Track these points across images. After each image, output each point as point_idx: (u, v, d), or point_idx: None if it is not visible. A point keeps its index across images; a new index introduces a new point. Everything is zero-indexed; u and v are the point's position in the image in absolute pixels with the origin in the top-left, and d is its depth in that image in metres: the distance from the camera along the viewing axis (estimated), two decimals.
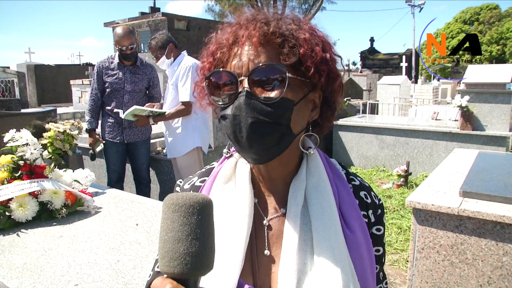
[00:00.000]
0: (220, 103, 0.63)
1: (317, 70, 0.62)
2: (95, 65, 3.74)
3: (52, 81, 14.69)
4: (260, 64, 0.60)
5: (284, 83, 0.59)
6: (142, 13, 18.47)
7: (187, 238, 0.46)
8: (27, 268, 1.39)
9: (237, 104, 0.60)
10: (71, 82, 9.93)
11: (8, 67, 12.95)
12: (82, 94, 9.55)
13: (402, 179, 5.20)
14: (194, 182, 0.76)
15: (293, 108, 0.62)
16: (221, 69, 0.64)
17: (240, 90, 0.61)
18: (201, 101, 0.71)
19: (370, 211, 0.71)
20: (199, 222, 0.47)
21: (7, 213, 1.74)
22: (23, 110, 6.99)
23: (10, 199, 1.77)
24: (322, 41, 0.65)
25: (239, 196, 0.67)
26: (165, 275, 0.48)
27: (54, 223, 1.81)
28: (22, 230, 1.72)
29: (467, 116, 5.41)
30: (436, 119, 6.63)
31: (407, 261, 3.16)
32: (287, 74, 0.59)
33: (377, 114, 9.45)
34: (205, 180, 0.75)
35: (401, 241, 3.63)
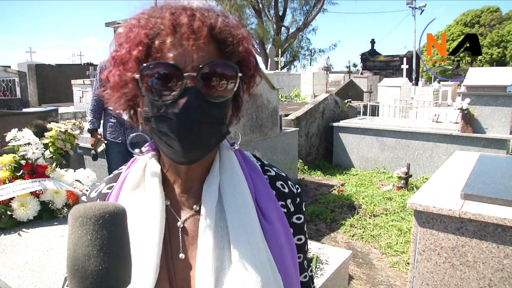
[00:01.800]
0: (157, 100, 0.56)
1: (253, 70, 0.62)
2: (96, 65, 3.74)
3: (53, 81, 14.70)
4: (215, 61, 0.56)
5: (235, 82, 0.57)
6: None
7: (98, 254, 0.41)
8: (29, 267, 1.39)
9: (185, 103, 0.54)
10: (72, 82, 9.95)
11: (9, 67, 12.95)
12: (83, 94, 9.56)
13: (402, 181, 5.21)
14: (101, 190, 0.71)
15: (230, 105, 0.62)
16: (168, 62, 0.55)
17: (185, 86, 0.55)
18: (115, 96, 0.61)
19: (289, 201, 0.70)
20: (111, 234, 0.42)
21: (8, 212, 1.74)
22: (24, 110, 6.99)
23: (12, 198, 1.78)
24: (247, 35, 0.63)
25: (149, 200, 0.63)
26: None
27: (56, 223, 1.81)
28: (23, 230, 1.73)
29: (467, 118, 5.42)
30: (436, 122, 6.63)
31: (408, 263, 3.16)
32: (238, 73, 0.58)
33: (377, 116, 9.45)
34: (112, 186, 0.69)
35: (401, 243, 3.63)
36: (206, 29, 0.56)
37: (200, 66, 0.55)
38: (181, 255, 0.63)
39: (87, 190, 0.75)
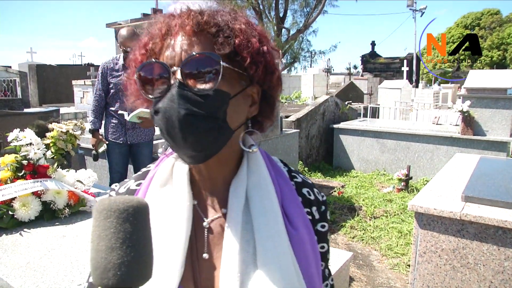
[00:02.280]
0: (151, 97, 0.59)
1: (254, 61, 0.59)
2: (96, 65, 3.76)
3: (54, 81, 14.71)
4: (194, 54, 0.57)
5: (218, 74, 0.57)
6: (145, 15, 18.53)
7: (121, 247, 0.42)
8: (30, 267, 1.39)
9: (169, 96, 0.56)
10: (73, 82, 9.94)
11: (10, 67, 12.97)
12: (84, 94, 9.57)
13: (402, 183, 5.21)
14: (130, 186, 0.72)
15: (228, 101, 0.59)
16: (153, 60, 0.60)
17: (172, 82, 0.57)
18: (133, 99, 0.65)
19: (314, 208, 0.70)
20: (134, 228, 0.43)
21: (10, 212, 1.74)
22: (25, 110, 7.00)
23: (13, 199, 1.78)
24: (259, 34, 0.63)
25: (177, 198, 0.64)
26: None
27: (57, 223, 1.81)
28: (25, 230, 1.73)
29: (468, 121, 5.42)
30: (437, 124, 6.64)
31: (408, 265, 3.16)
32: (221, 63, 0.56)
33: (378, 118, 9.46)
34: (141, 183, 0.71)
35: (402, 245, 3.63)
36: (192, 25, 0.58)
37: (184, 60, 0.57)
38: (205, 255, 0.63)
39: (112, 189, 0.76)
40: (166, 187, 0.67)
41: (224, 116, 0.59)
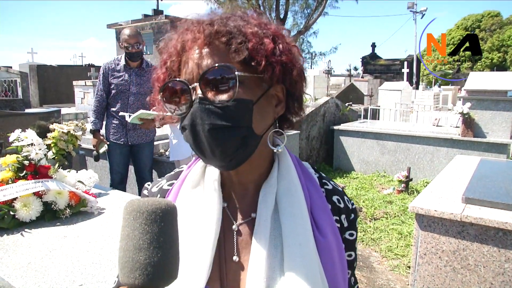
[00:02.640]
0: (180, 113, 0.61)
1: (269, 63, 0.59)
2: (97, 66, 3.78)
3: (54, 82, 14.71)
4: (209, 67, 0.57)
5: (235, 83, 0.57)
6: (145, 15, 18.56)
7: (148, 247, 0.43)
8: (32, 267, 1.39)
9: (193, 112, 0.58)
10: (74, 83, 9.95)
11: (11, 67, 13.00)
12: (84, 95, 9.57)
13: (403, 185, 5.21)
14: (162, 186, 0.74)
15: (252, 108, 0.59)
16: (172, 80, 0.61)
17: (194, 97, 0.58)
18: (163, 115, 0.67)
19: (343, 216, 0.70)
20: (161, 230, 0.44)
21: (11, 213, 1.74)
22: (26, 110, 7.01)
23: (15, 199, 1.78)
24: (273, 33, 0.62)
25: (207, 200, 0.65)
26: (126, 287, 0.45)
27: (58, 224, 1.81)
28: (26, 230, 1.73)
29: (468, 123, 5.42)
30: (437, 126, 6.64)
31: (408, 266, 3.16)
32: (236, 73, 0.56)
33: (378, 119, 9.46)
34: (173, 183, 0.73)
35: (402, 246, 3.63)
36: (204, 38, 0.58)
37: (200, 74, 0.58)
38: (235, 258, 0.64)
39: (146, 187, 0.78)
40: (197, 188, 0.68)
41: (249, 123, 0.59)
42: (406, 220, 4.19)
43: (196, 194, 0.67)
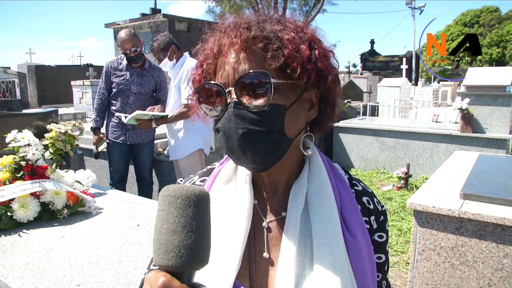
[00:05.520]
0: (214, 115, 0.63)
1: (304, 70, 0.59)
2: (95, 66, 3.78)
3: (53, 82, 14.70)
4: (245, 73, 0.58)
5: (271, 89, 0.58)
6: (143, 15, 18.51)
7: (182, 230, 0.45)
8: (29, 268, 1.39)
9: (227, 116, 0.59)
10: (72, 83, 9.94)
11: (9, 68, 12.98)
12: (83, 95, 9.56)
13: (402, 181, 5.21)
14: (195, 181, 0.76)
15: (285, 113, 0.60)
16: (208, 82, 0.63)
17: (229, 101, 0.60)
18: (198, 111, 0.70)
19: (372, 217, 0.70)
20: (195, 214, 0.46)
21: (8, 214, 1.74)
22: (24, 111, 7.00)
23: (12, 200, 1.78)
24: (309, 38, 0.63)
25: (239, 197, 0.66)
26: (159, 268, 0.46)
27: (56, 224, 1.81)
28: (23, 231, 1.73)
29: (467, 118, 5.42)
30: (436, 122, 6.64)
31: (408, 263, 3.16)
32: (271, 80, 0.58)
33: (377, 116, 9.45)
34: (205, 179, 0.74)
35: (401, 243, 3.63)
36: (241, 43, 0.59)
37: (236, 79, 0.59)
38: (265, 254, 0.65)
39: (178, 183, 0.79)
40: (229, 185, 0.69)
41: (281, 128, 0.60)
42: (406, 216, 4.19)
43: (228, 190, 0.69)
